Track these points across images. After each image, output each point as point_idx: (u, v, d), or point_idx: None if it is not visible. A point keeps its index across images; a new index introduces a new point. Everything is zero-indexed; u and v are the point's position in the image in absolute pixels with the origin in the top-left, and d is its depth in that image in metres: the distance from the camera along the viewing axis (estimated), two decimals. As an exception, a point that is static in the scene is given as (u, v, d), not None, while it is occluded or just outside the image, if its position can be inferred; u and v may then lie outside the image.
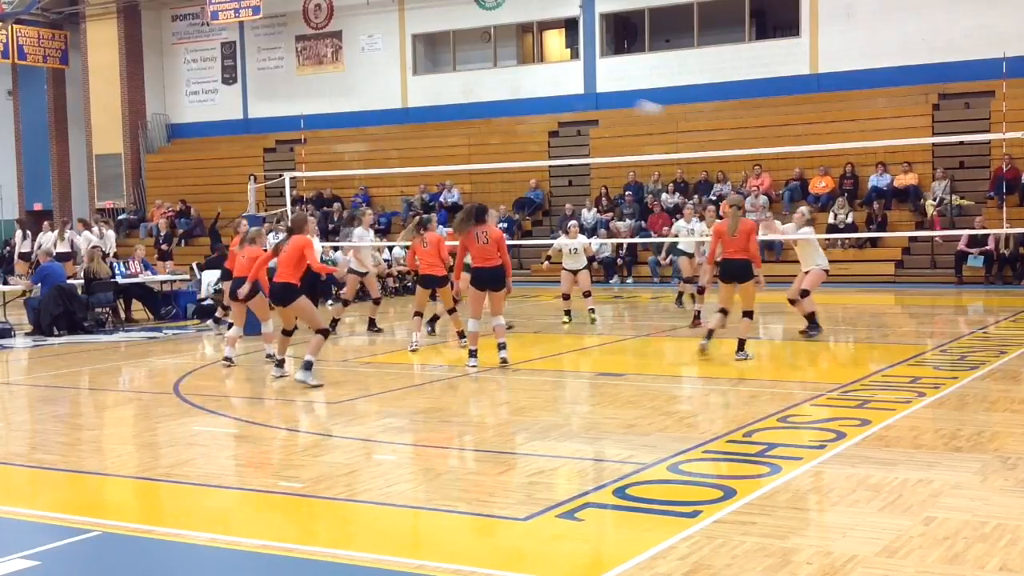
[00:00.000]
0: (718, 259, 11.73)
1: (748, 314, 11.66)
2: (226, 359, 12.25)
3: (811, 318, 13.22)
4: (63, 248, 22.25)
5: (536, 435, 8.20)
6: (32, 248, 25.15)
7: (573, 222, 17.89)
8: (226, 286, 14.62)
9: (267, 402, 10.33)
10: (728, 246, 11.53)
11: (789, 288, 13.54)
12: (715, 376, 11.04)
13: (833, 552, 5.20)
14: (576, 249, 15.70)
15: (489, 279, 11.35)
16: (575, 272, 15.69)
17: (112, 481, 7.27)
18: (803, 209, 14.34)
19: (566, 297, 15.75)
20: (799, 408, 8.88)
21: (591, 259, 16.75)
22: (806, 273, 13.37)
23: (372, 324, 15.50)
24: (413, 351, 13.06)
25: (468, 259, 11.74)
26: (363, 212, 16.38)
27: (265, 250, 12.20)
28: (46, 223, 25.69)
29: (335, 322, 15.20)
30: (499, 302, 11.51)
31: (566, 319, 15.56)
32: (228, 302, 13.30)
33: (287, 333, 11.22)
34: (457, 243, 11.87)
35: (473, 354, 11.53)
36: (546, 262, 16.96)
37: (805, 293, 13.21)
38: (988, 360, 11.15)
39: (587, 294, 15.59)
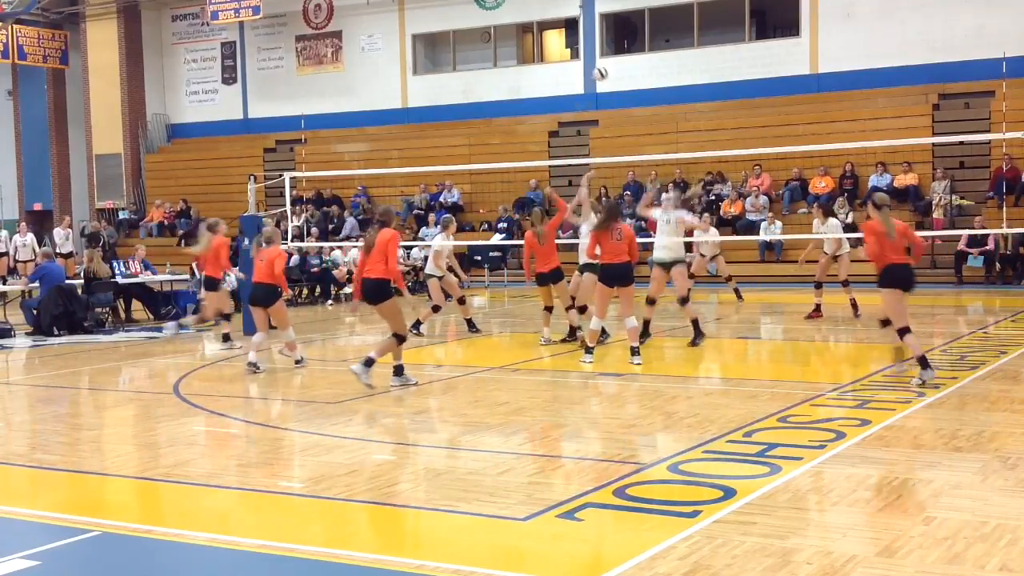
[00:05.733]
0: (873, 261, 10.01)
1: (887, 322, 10.58)
2: (251, 364, 11.66)
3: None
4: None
5: (536, 435, 8.20)
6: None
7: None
8: (211, 295, 14.20)
9: (267, 402, 10.33)
10: (889, 249, 9.81)
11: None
12: (715, 376, 11.03)
13: (833, 552, 5.20)
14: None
15: (619, 275, 11.56)
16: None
17: (112, 481, 7.27)
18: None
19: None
20: (799, 408, 8.87)
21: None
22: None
23: (472, 325, 14.96)
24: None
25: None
26: (450, 220, 15.30)
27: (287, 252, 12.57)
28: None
29: (418, 323, 14.48)
30: (629, 302, 11.66)
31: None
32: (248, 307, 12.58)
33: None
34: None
35: (589, 351, 11.70)
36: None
37: None
38: (988, 360, 11.15)
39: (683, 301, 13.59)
